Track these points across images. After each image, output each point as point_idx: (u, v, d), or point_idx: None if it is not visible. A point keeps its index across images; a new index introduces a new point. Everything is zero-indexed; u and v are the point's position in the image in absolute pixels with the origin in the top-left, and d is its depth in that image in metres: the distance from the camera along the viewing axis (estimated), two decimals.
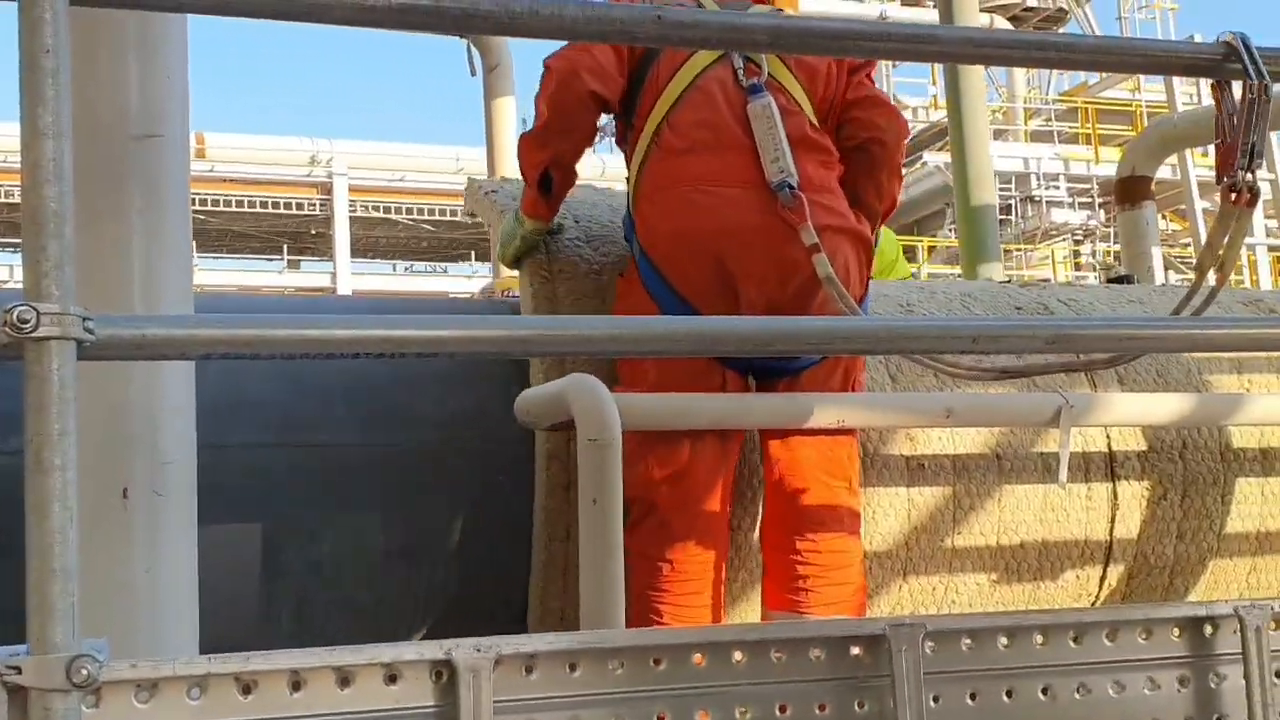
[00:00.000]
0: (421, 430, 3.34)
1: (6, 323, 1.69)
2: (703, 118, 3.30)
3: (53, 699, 1.64)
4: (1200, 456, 3.73)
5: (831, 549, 3.21)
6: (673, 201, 3.25)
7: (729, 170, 3.23)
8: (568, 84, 3.29)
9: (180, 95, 2.34)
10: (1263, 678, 2.25)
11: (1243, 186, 2.50)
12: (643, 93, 3.38)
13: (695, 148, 3.27)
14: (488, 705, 1.88)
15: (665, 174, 3.29)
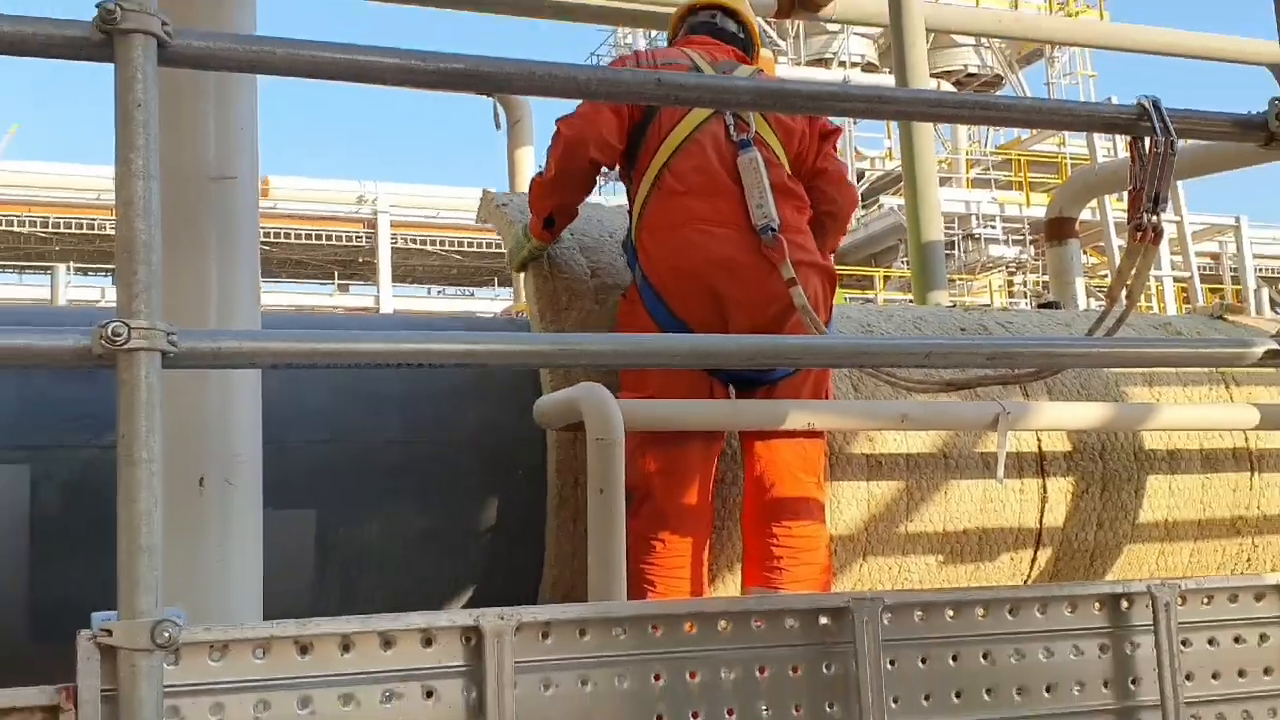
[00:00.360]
0: (453, 432, 3.34)
1: (102, 337, 1.70)
2: (699, 165, 3.32)
3: (138, 658, 1.64)
4: (1117, 457, 3.74)
5: (803, 534, 3.21)
6: (674, 240, 3.27)
7: (720, 213, 3.26)
8: (574, 152, 3.32)
9: (250, 143, 2.34)
10: (1171, 646, 2.25)
11: (1148, 226, 2.51)
12: (645, 142, 3.39)
13: (692, 191, 3.29)
14: (510, 665, 1.88)
15: (666, 213, 3.31)
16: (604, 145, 3.34)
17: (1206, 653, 2.30)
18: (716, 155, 3.31)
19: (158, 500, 1.68)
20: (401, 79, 2.09)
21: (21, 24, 1.78)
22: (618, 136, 3.36)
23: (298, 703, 1.79)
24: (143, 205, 1.73)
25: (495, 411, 3.34)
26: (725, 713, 2.00)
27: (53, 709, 1.68)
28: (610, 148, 3.36)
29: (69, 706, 1.67)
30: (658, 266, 3.29)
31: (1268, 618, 2.35)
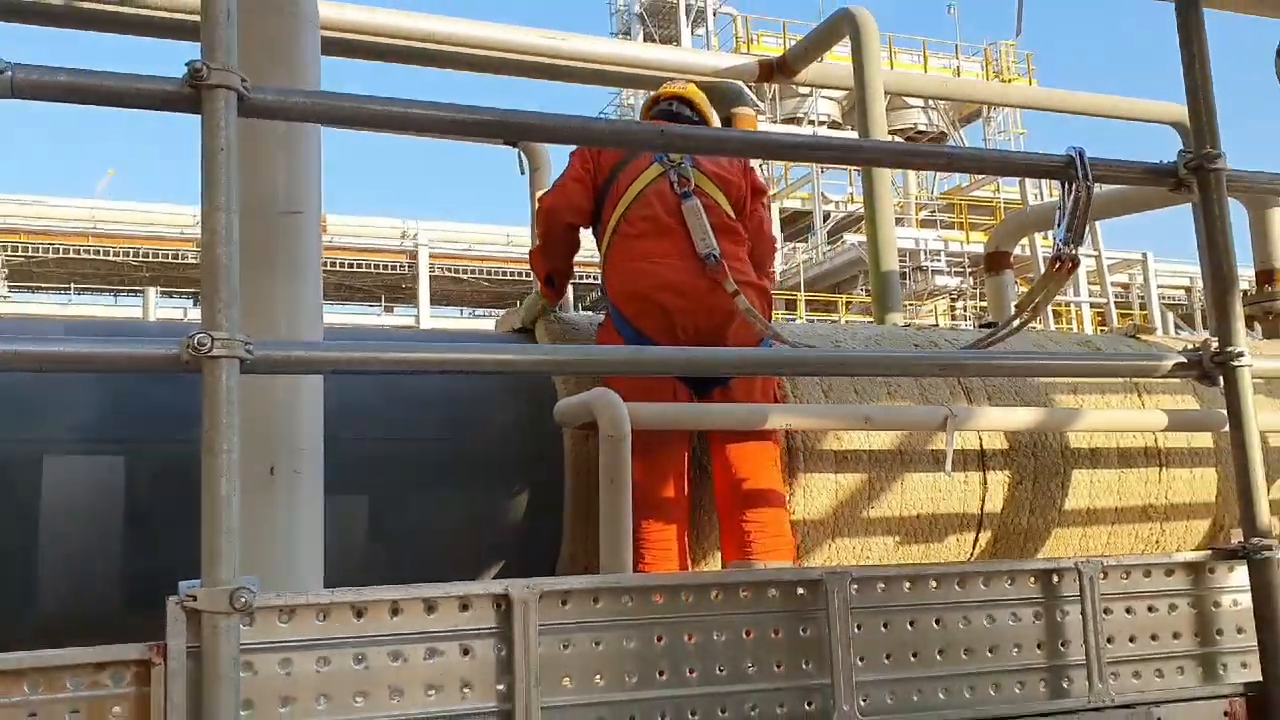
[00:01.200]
0: (485, 429, 3.33)
1: (190, 346, 1.69)
2: (648, 214, 3.48)
3: (219, 620, 1.64)
4: (1046, 454, 3.74)
5: (770, 517, 3.23)
6: (631, 270, 3.44)
7: (666, 248, 3.42)
8: (553, 219, 3.61)
9: (315, 182, 2.33)
10: (1095, 613, 2.25)
11: (1065, 257, 2.51)
12: (608, 200, 3.56)
13: (643, 234, 3.46)
14: (534, 627, 1.87)
15: (624, 252, 3.49)
16: (576, 210, 3.58)
17: (1125, 620, 2.30)
18: (662, 205, 3.47)
19: (235, 486, 1.67)
20: (445, 129, 2.09)
21: (124, 80, 1.78)
22: (586, 200, 3.58)
23: (353, 659, 1.78)
24: (225, 234, 1.73)
25: (521, 412, 3.33)
26: (717, 669, 1.99)
27: (145, 663, 1.67)
28: (581, 211, 3.58)
29: (159, 661, 1.66)
30: (620, 293, 3.45)
31: (1176, 590, 2.35)
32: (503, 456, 3.30)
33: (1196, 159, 2.44)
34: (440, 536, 3.13)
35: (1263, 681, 2.26)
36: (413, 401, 3.24)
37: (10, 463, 2.73)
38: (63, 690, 1.65)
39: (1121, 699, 2.22)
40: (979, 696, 2.15)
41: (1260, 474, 2.32)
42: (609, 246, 3.53)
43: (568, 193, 3.58)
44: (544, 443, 3.25)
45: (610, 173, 3.55)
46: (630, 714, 1.92)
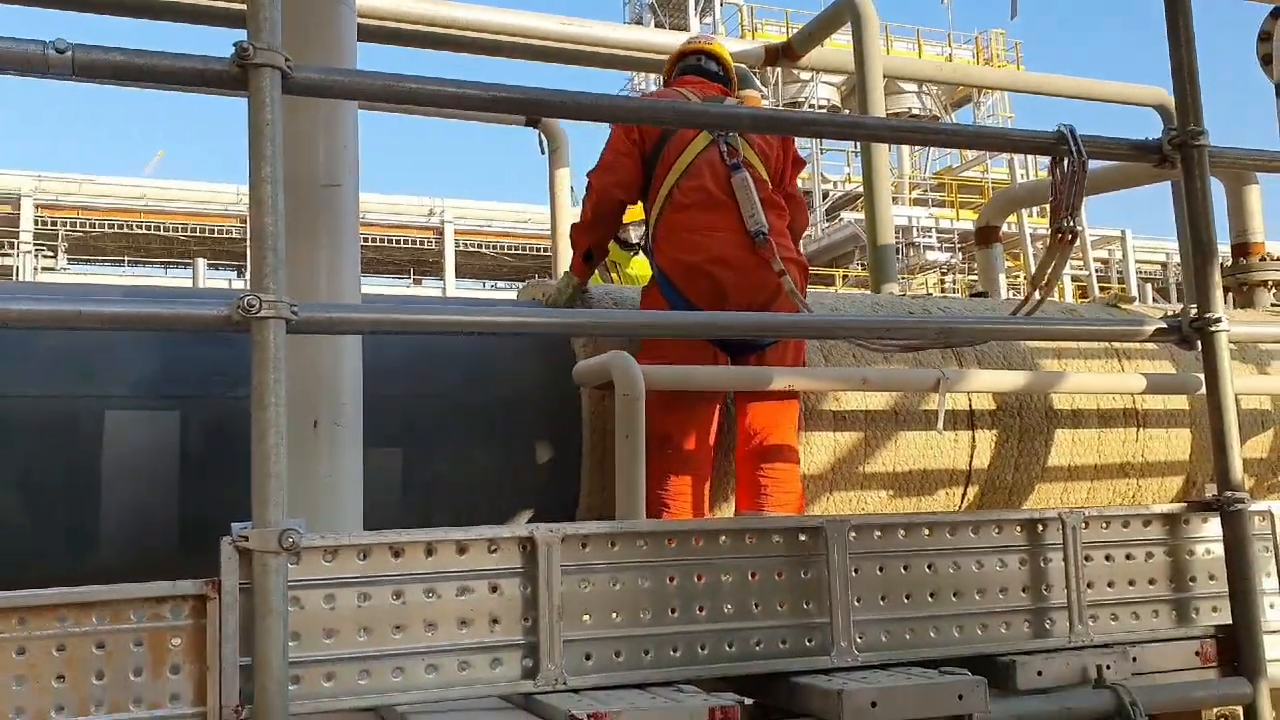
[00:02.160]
0: (508, 388, 3.33)
1: (239, 307, 1.70)
2: (699, 184, 3.34)
3: (269, 558, 1.65)
4: (1031, 414, 3.72)
5: (783, 472, 3.23)
6: (684, 242, 3.31)
7: (718, 221, 3.30)
8: (605, 196, 3.42)
9: (352, 158, 2.33)
10: (1076, 560, 2.26)
11: (1066, 230, 2.49)
12: (657, 170, 3.39)
13: (695, 205, 3.32)
14: (557, 567, 1.89)
15: (677, 222, 3.34)
16: (629, 187, 3.42)
17: (1104, 566, 2.30)
18: (712, 176, 3.32)
19: (283, 436, 1.68)
20: (474, 106, 2.08)
21: (175, 59, 1.78)
22: (637, 175, 3.41)
23: (391, 595, 1.80)
24: (271, 204, 1.73)
25: (541, 372, 3.32)
26: (725, 608, 2.00)
27: (201, 597, 1.69)
28: (634, 187, 3.43)
29: (214, 595, 1.68)
30: (671, 262, 3.33)
31: (1153, 539, 2.35)
32: (525, 413, 3.30)
33: (1181, 135, 2.42)
34: (468, 485, 3.13)
35: (1232, 625, 2.27)
36: (440, 360, 3.24)
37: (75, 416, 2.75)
38: (127, 622, 1.68)
39: (1100, 639, 2.23)
40: (967, 635, 2.16)
41: (1234, 432, 2.31)
42: (659, 216, 3.38)
43: (619, 169, 3.40)
44: (565, 400, 3.25)
45: (657, 143, 3.37)
46: (645, 648, 1.94)
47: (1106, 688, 2.10)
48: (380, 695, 1.78)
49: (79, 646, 1.65)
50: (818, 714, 1.89)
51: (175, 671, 1.68)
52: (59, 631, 1.65)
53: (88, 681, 1.65)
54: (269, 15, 1.76)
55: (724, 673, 1.97)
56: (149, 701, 1.67)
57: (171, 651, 1.69)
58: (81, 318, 1.69)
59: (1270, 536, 2.42)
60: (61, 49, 1.69)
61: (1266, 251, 5.25)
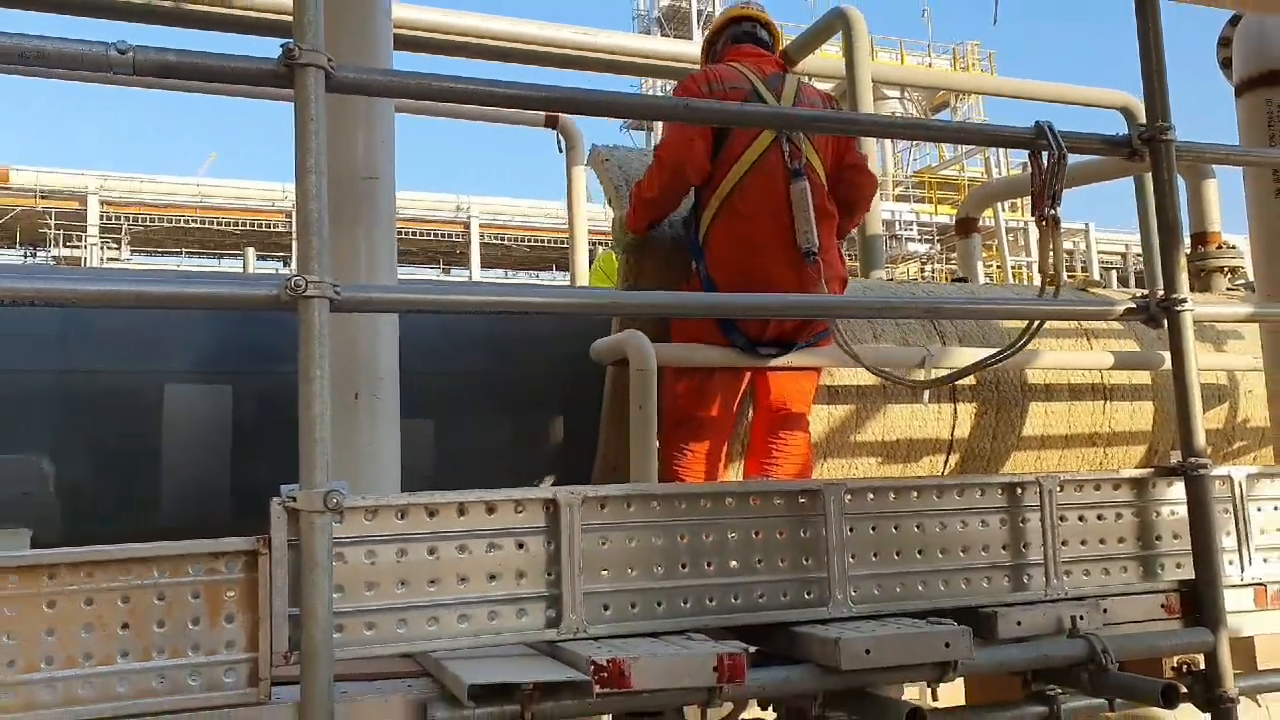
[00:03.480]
0: (528, 365, 3.31)
1: (287, 287, 1.67)
2: (763, 188, 3.04)
3: (315, 517, 1.63)
4: (1008, 388, 3.69)
5: (795, 442, 3.17)
6: (736, 253, 3.04)
7: (772, 238, 3.03)
8: (678, 175, 3.03)
9: (389, 153, 2.30)
10: (1052, 520, 2.23)
11: (1049, 218, 2.44)
12: (719, 163, 3.06)
13: (755, 213, 3.03)
14: (578, 526, 1.86)
15: (733, 231, 3.04)
16: (700, 169, 3.05)
17: (1077, 526, 2.27)
18: (771, 182, 3.02)
19: (327, 406, 1.66)
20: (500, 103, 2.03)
21: (228, 60, 1.74)
22: (708, 159, 3.04)
23: (427, 551, 1.78)
24: (315, 193, 1.70)
25: (562, 349, 3.31)
26: (730, 563, 1.98)
27: (253, 553, 1.67)
28: (704, 170, 3.06)
29: (265, 550, 1.66)
30: (719, 265, 3.05)
31: (1122, 501, 2.32)
32: (545, 387, 3.28)
33: (1150, 131, 2.37)
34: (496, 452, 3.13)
35: (1194, 580, 2.24)
36: (464, 339, 3.22)
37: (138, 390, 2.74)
38: (185, 575, 1.66)
39: (1074, 592, 2.20)
40: (952, 589, 2.13)
41: (1198, 404, 2.28)
42: (716, 213, 3.06)
43: (694, 151, 3.00)
44: (583, 375, 3.23)
45: (719, 137, 3.04)
46: (657, 600, 1.92)
47: (1080, 637, 2.08)
48: (417, 642, 1.76)
49: (142, 598, 1.63)
50: (816, 660, 1.87)
51: (229, 621, 1.67)
52: (123, 584, 1.63)
53: (149, 629, 1.63)
54: (313, 19, 1.73)
55: (730, 623, 1.95)
56: (205, 648, 1.65)
57: (226, 602, 1.67)
58: (143, 297, 1.67)
59: (1230, 499, 2.39)
60: (123, 50, 1.66)
61: (1223, 240, 5.20)
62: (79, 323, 2.72)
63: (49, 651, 1.56)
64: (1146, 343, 3.95)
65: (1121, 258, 27.47)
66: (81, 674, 1.57)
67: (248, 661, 1.65)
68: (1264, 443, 4.05)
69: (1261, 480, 2.43)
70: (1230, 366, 3.98)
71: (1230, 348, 4.12)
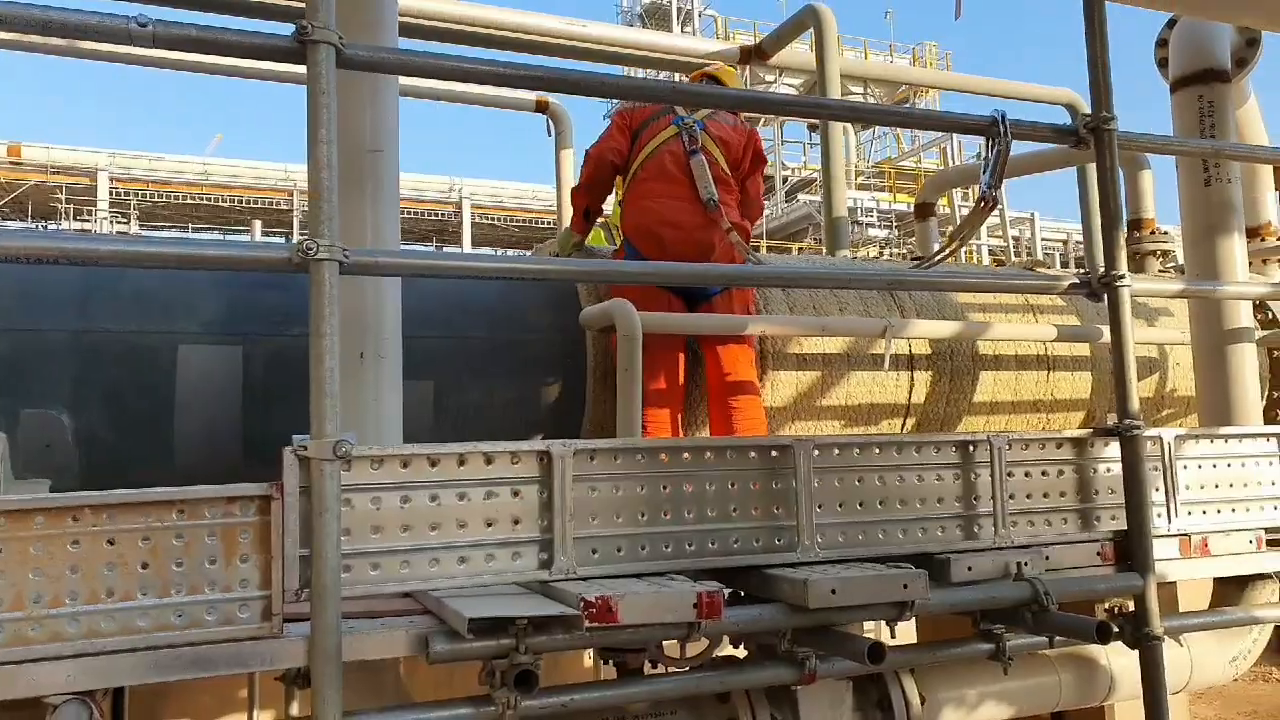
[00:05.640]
0: (528, 332, 3.30)
1: (299, 250, 1.65)
2: (659, 163, 3.43)
3: (325, 465, 1.62)
4: (960, 358, 3.72)
5: (749, 403, 3.22)
6: (639, 208, 3.40)
7: (671, 190, 3.38)
8: (600, 161, 3.47)
9: (393, 128, 2.26)
10: (1000, 476, 2.25)
11: (990, 198, 2.45)
12: (634, 151, 3.48)
13: (652, 177, 3.41)
14: (570, 475, 1.86)
15: (637, 192, 3.44)
16: (618, 152, 3.48)
17: (1023, 481, 2.30)
18: (672, 158, 3.40)
19: (336, 362, 1.64)
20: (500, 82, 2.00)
21: (244, 35, 1.71)
22: (625, 145, 3.48)
23: (428, 498, 1.78)
24: (326, 162, 1.67)
25: (554, 316, 3.30)
26: (708, 511, 1.99)
27: (266, 498, 1.66)
28: (621, 154, 3.49)
29: (277, 496, 1.65)
30: (630, 225, 3.41)
31: (1063, 459, 2.35)
32: (539, 351, 3.28)
33: (1094, 120, 2.38)
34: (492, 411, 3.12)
35: (1127, 530, 2.28)
36: (466, 305, 3.21)
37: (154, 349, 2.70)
38: (202, 518, 1.64)
39: (1019, 541, 2.23)
40: (910, 538, 2.16)
41: (1133, 371, 2.31)
42: (627, 188, 3.47)
43: (613, 140, 3.50)
44: (573, 341, 3.22)
45: (640, 126, 3.50)
46: (641, 544, 1.93)
47: (1024, 581, 2.11)
48: (419, 582, 1.76)
49: (161, 538, 1.62)
50: (786, 600, 1.89)
51: (244, 561, 1.66)
52: (143, 525, 1.61)
53: (168, 568, 1.62)
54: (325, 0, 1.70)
55: (707, 565, 1.96)
56: (221, 586, 1.64)
57: (240, 544, 1.66)
58: (161, 257, 1.64)
59: (1159, 457, 2.43)
60: (143, 23, 1.62)
61: (1155, 226, 5.24)
62: (99, 285, 2.68)
63: (73, 588, 1.55)
64: (1086, 319, 3.99)
65: (1063, 244, 27.70)
66: (104, 609, 1.56)
67: (261, 599, 1.65)
68: (1189, 410, 4.12)
69: (1188, 441, 2.47)
70: (1161, 340, 4.04)
71: (1160, 323, 4.18)
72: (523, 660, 1.67)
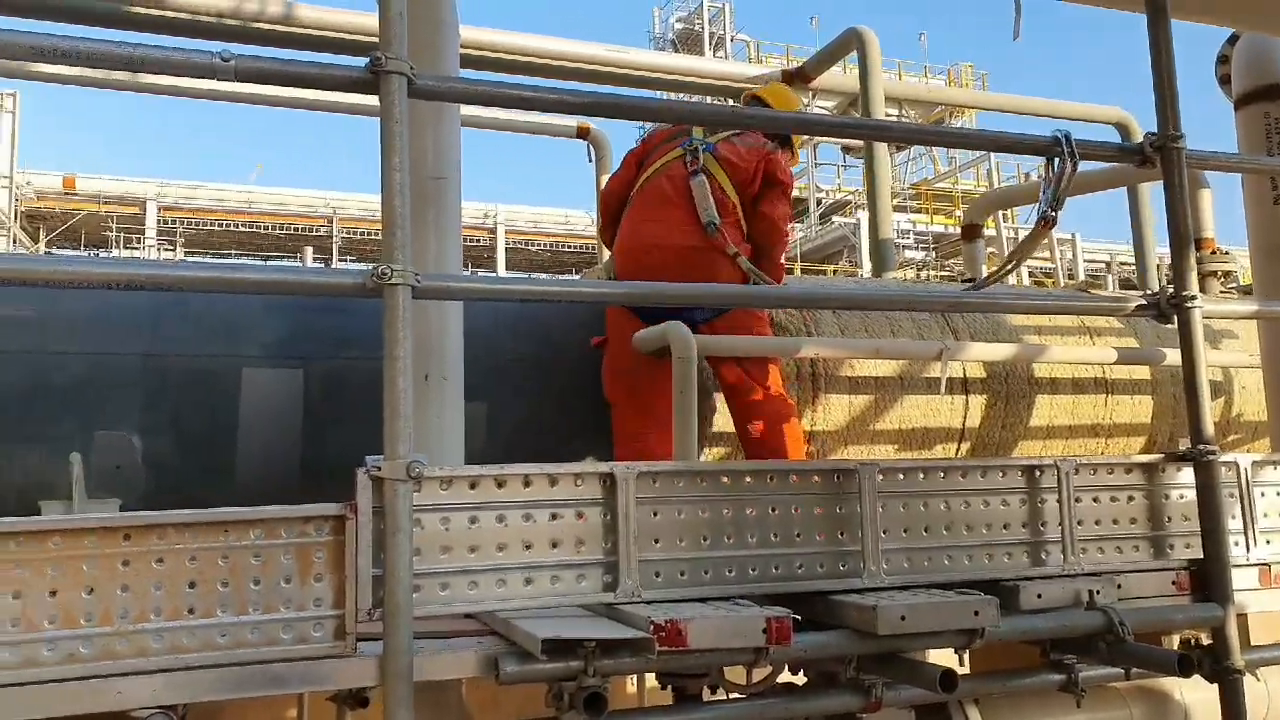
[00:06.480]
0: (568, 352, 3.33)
1: (374, 275, 1.69)
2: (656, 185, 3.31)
3: (398, 485, 1.64)
4: (1016, 381, 3.68)
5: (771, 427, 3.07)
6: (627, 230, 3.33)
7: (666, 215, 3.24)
8: (607, 202, 3.47)
9: (456, 156, 2.30)
10: (1069, 501, 2.22)
11: (1050, 219, 2.44)
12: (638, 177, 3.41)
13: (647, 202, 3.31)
14: (633, 498, 1.87)
15: (629, 216, 3.33)
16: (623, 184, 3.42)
17: (1091, 507, 2.26)
18: (670, 182, 3.28)
19: (410, 383, 1.67)
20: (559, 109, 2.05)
21: (320, 67, 1.77)
22: (631, 177, 3.40)
23: (495, 519, 1.80)
24: (399, 190, 1.71)
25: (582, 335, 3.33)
26: (771, 536, 1.98)
27: (341, 518, 1.68)
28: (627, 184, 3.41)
29: (352, 516, 1.68)
30: (616, 248, 3.34)
31: (1134, 485, 2.31)
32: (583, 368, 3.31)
33: (1161, 139, 2.36)
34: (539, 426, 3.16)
35: (1203, 559, 2.23)
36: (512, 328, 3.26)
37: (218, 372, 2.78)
38: (279, 538, 1.67)
39: (1089, 568, 2.20)
40: (976, 564, 2.13)
41: (1206, 394, 2.27)
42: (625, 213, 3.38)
43: (616, 177, 3.49)
44: None
45: (649, 152, 3.42)
46: (705, 568, 1.93)
47: (1098, 609, 2.07)
48: (486, 602, 1.78)
49: (239, 557, 1.65)
50: (853, 626, 1.88)
51: (318, 580, 1.68)
52: (223, 544, 1.65)
53: (246, 586, 1.66)
54: (398, 29, 1.75)
55: (771, 590, 1.95)
56: (296, 604, 1.67)
57: (315, 563, 1.69)
58: (231, 283, 1.69)
59: (1236, 484, 2.38)
60: (227, 59, 1.69)
61: (1216, 246, 5.15)
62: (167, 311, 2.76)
63: (158, 604, 1.58)
64: (1145, 341, 3.93)
65: (1105, 266, 27.27)
66: (186, 625, 1.59)
67: (335, 617, 1.67)
68: (1257, 435, 4.03)
69: (1266, 467, 2.42)
70: (1227, 363, 3.96)
71: (1225, 346, 4.10)
72: (591, 683, 1.67)
